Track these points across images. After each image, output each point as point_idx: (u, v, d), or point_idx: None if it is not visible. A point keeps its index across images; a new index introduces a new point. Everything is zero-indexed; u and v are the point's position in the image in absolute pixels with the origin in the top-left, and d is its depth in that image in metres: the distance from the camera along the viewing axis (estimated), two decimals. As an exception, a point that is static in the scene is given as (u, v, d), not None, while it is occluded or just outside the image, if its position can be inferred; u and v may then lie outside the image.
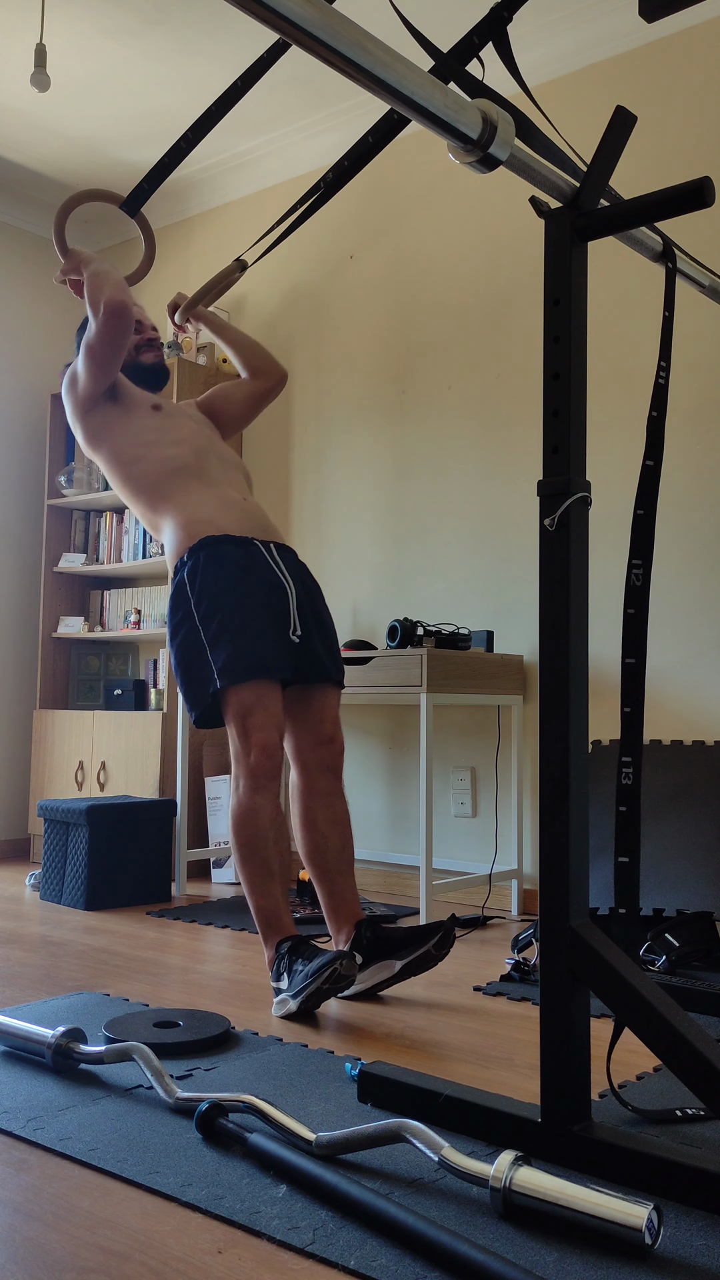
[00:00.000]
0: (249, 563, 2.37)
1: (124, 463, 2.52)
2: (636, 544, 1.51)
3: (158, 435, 2.53)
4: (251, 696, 2.26)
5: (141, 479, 2.50)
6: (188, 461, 2.51)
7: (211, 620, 2.30)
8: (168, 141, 4.15)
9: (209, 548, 2.37)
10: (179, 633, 2.36)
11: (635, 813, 1.48)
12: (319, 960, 2.08)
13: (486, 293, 3.60)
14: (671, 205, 1.43)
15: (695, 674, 3.07)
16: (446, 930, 2.23)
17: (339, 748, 2.43)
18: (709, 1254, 1.20)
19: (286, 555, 2.48)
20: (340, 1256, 1.18)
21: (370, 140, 1.91)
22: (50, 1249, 1.20)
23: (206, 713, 2.34)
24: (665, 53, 3.24)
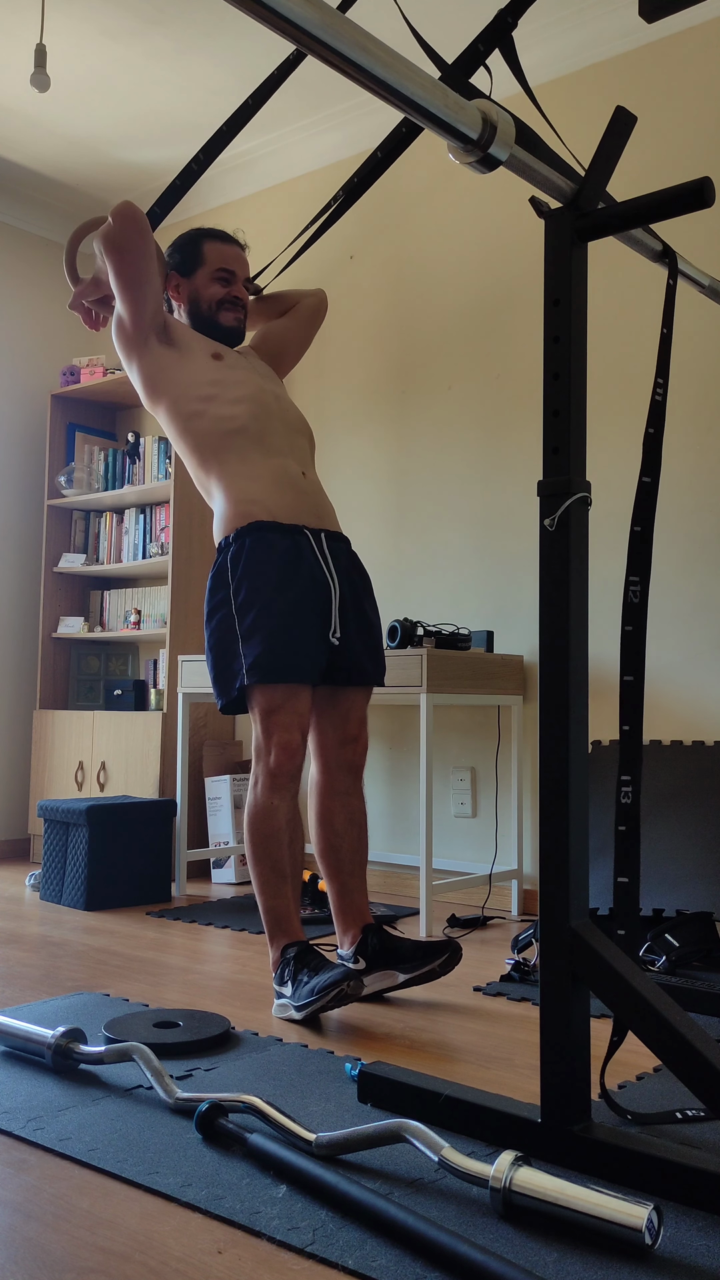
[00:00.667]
0: (295, 555, 2.27)
1: (183, 417, 2.36)
2: (634, 560, 1.50)
3: (219, 389, 2.37)
4: (279, 696, 2.22)
5: (199, 436, 2.35)
6: (248, 423, 2.35)
7: (248, 611, 2.22)
8: (168, 142, 4.15)
9: (256, 534, 2.26)
10: (214, 616, 2.28)
11: (635, 832, 1.47)
12: (326, 977, 2.05)
13: (486, 293, 3.60)
14: (671, 205, 1.43)
15: (695, 674, 3.07)
16: (454, 951, 2.23)
17: (363, 747, 2.39)
18: (709, 1254, 1.20)
19: (337, 547, 2.38)
20: (340, 1257, 1.18)
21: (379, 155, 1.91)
22: (50, 1249, 1.20)
23: (232, 704, 2.29)
24: (665, 53, 3.24)
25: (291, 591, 2.24)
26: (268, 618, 2.21)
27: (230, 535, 2.29)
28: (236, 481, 2.32)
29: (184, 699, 3.60)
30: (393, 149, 1.90)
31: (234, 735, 4.19)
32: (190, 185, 2.04)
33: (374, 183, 1.90)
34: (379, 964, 2.27)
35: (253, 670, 2.20)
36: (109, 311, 2.51)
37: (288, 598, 2.23)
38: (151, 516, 4.29)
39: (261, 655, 2.20)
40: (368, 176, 1.97)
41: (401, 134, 1.88)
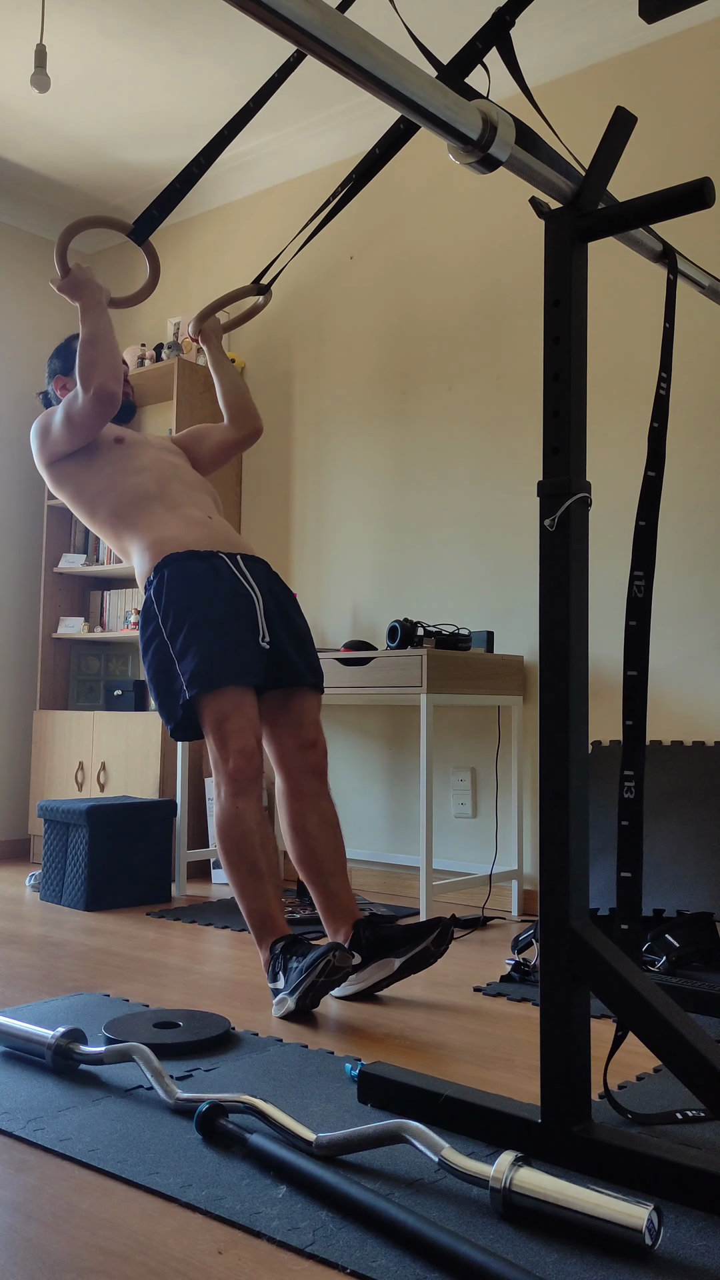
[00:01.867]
0: (214, 574, 2.40)
1: (88, 498, 2.57)
2: (638, 555, 1.50)
3: (121, 465, 2.58)
4: (226, 703, 2.29)
5: (106, 510, 2.55)
6: (150, 488, 2.55)
7: (179, 632, 2.33)
8: (168, 142, 4.15)
9: (173, 563, 2.40)
10: (149, 648, 2.39)
11: (638, 827, 1.47)
12: (313, 954, 2.09)
13: (486, 293, 3.60)
14: (672, 206, 1.43)
15: (695, 675, 3.07)
16: (444, 927, 2.24)
17: (322, 750, 2.45)
18: (709, 1254, 1.20)
19: (254, 566, 2.50)
20: (340, 1257, 1.18)
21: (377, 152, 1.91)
22: (50, 1250, 1.20)
23: (181, 725, 2.37)
24: (665, 53, 3.24)
25: (216, 604, 2.35)
26: (198, 632, 2.31)
27: (151, 574, 2.44)
28: (148, 532, 2.49)
29: (184, 699, 3.60)
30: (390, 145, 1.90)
31: (234, 735, 4.18)
32: (189, 187, 2.04)
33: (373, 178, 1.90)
34: (374, 955, 2.27)
35: (193, 681, 2.28)
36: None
37: (214, 611, 2.34)
38: (151, 517, 4.29)
39: (199, 665, 2.29)
40: (366, 173, 1.97)
41: (400, 130, 1.88)
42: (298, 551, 4.05)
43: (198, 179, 2.03)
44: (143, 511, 2.52)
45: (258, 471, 4.21)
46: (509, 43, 1.51)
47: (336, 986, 2.13)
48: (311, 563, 4.00)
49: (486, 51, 1.52)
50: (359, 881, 3.74)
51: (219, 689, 2.28)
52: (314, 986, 2.07)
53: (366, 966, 2.28)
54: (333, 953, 2.06)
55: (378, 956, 2.27)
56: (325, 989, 2.09)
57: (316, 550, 3.99)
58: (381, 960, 2.27)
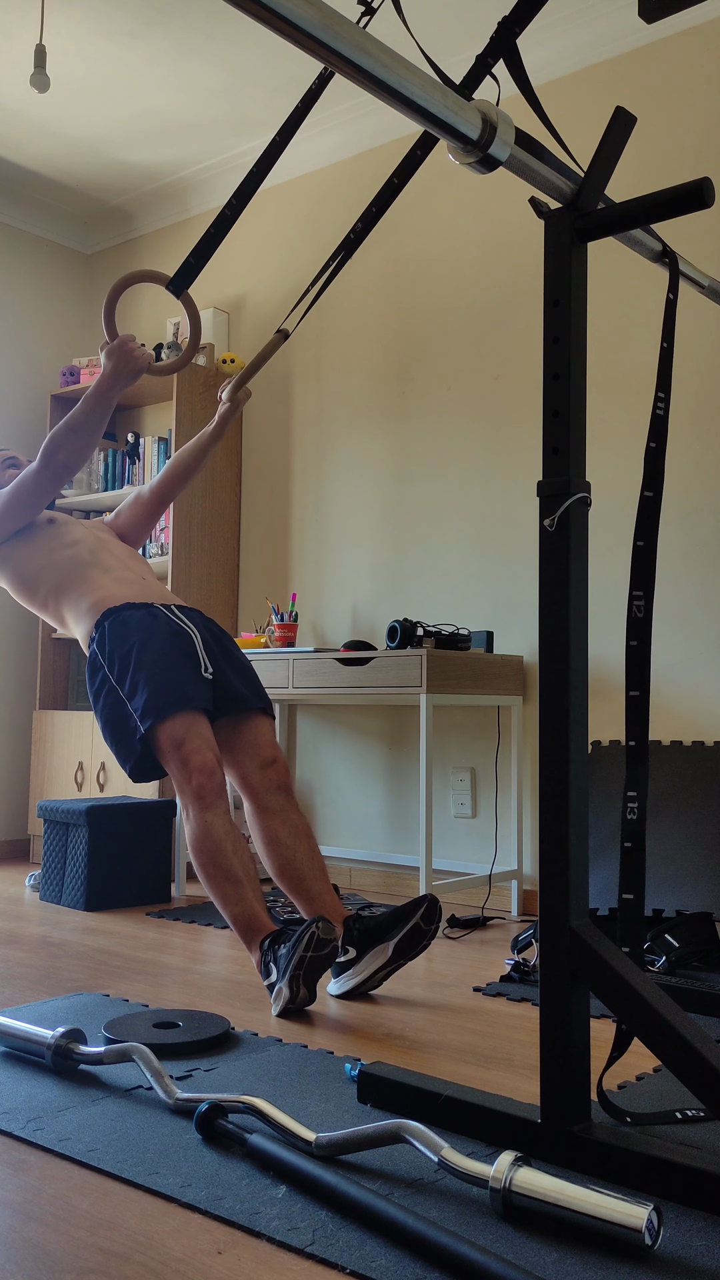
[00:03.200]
0: (151, 619, 2.52)
1: (27, 578, 2.69)
2: (637, 575, 1.49)
3: (54, 542, 2.71)
4: (179, 727, 2.35)
5: (46, 587, 2.66)
6: (83, 557, 2.68)
7: (125, 674, 2.43)
8: (168, 142, 4.15)
9: (112, 615, 2.52)
10: (99, 697, 2.48)
11: (641, 849, 1.46)
12: (296, 933, 2.12)
13: (486, 293, 3.60)
14: (671, 206, 1.43)
15: (695, 674, 3.07)
16: (431, 902, 2.24)
17: (283, 767, 2.50)
18: (709, 1254, 1.20)
19: (189, 611, 2.63)
20: (340, 1257, 1.18)
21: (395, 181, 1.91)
22: (50, 1250, 1.20)
23: (140, 763, 2.43)
24: (665, 53, 3.24)
25: (155, 642, 2.46)
26: (143, 668, 2.41)
27: (93, 630, 2.55)
28: (85, 596, 2.61)
29: (184, 699, 3.60)
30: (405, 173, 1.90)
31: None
32: (225, 233, 2.01)
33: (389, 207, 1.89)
34: (367, 946, 2.28)
35: (146, 714, 2.36)
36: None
37: (154, 648, 2.44)
38: (151, 517, 4.29)
39: (149, 699, 2.37)
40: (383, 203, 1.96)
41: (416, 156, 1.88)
42: (298, 551, 4.05)
43: (233, 223, 2.01)
44: (79, 579, 2.64)
45: (258, 471, 4.21)
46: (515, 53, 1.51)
47: (327, 963, 2.12)
48: (311, 563, 4.00)
49: (494, 64, 1.52)
50: (359, 881, 3.75)
51: (170, 716, 2.36)
52: (304, 961, 2.07)
53: (361, 959, 2.28)
54: (316, 924, 2.08)
55: (370, 946, 2.27)
56: (315, 965, 2.09)
57: (316, 550, 3.99)
58: (375, 949, 2.27)
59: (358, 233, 2.03)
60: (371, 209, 2.00)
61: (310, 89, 1.91)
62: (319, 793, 3.90)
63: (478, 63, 1.54)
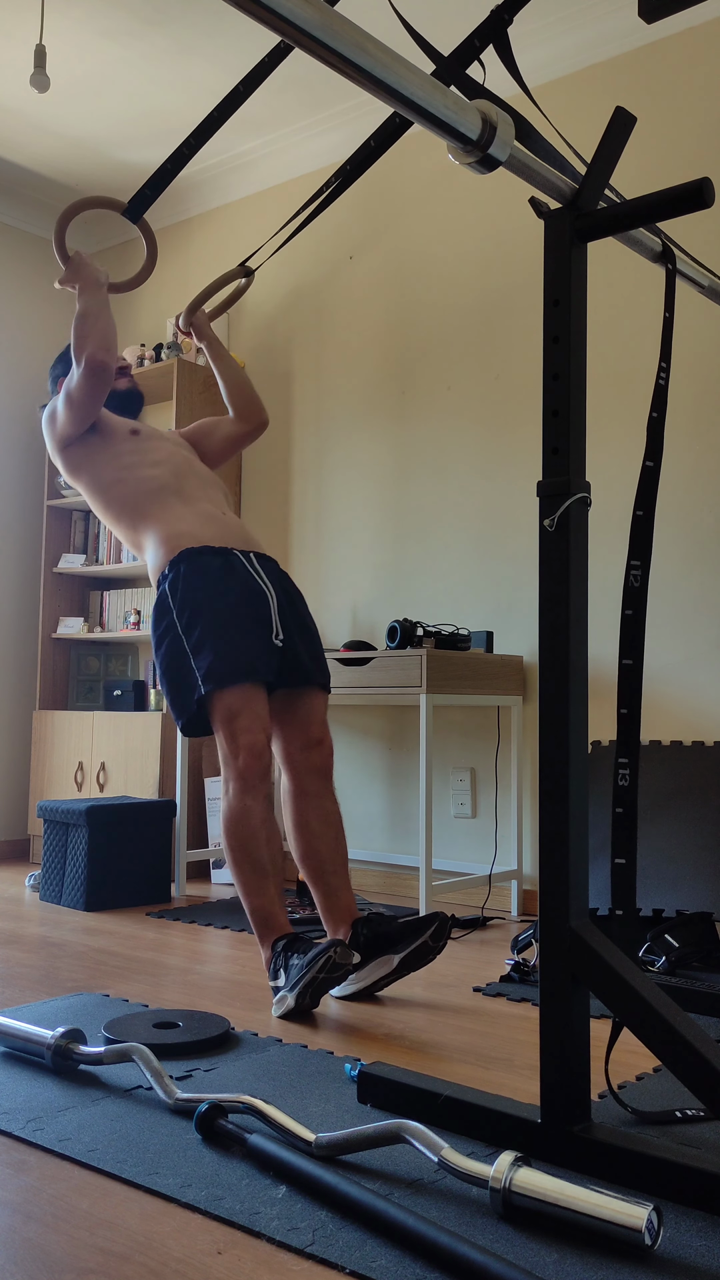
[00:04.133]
0: (229, 571, 2.41)
1: (103, 488, 2.58)
2: (635, 545, 1.51)
3: (137, 458, 2.60)
4: (237, 700, 2.29)
5: (121, 501, 2.56)
6: (166, 481, 2.56)
7: (194, 628, 2.34)
8: (167, 142, 4.15)
9: (189, 559, 2.41)
10: (163, 643, 2.40)
11: (632, 814, 1.48)
12: (313, 951, 2.10)
13: (486, 293, 3.60)
14: (671, 206, 1.43)
15: (695, 674, 3.07)
16: (442, 921, 2.24)
17: (328, 750, 2.46)
18: (709, 1254, 1.20)
19: (267, 564, 2.52)
20: (340, 1257, 1.18)
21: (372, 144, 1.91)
22: (50, 1250, 1.20)
23: (193, 720, 2.37)
24: (665, 53, 3.24)
25: (231, 600, 2.37)
26: (213, 628, 2.33)
27: (166, 568, 2.44)
28: (164, 526, 2.50)
29: (184, 699, 3.60)
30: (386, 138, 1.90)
31: (234, 735, 4.19)
32: (180, 167, 2.05)
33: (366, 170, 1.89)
34: (373, 953, 2.27)
35: (208, 678, 2.30)
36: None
37: (228, 607, 2.35)
38: (151, 517, 4.29)
39: (214, 663, 2.30)
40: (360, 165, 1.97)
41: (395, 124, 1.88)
42: (297, 551, 4.05)
43: (189, 158, 2.04)
44: (158, 504, 2.53)
45: (257, 471, 4.21)
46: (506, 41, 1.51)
47: (337, 984, 2.13)
48: (311, 562, 4.00)
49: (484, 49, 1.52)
50: (359, 881, 3.74)
51: (232, 686, 2.29)
52: (314, 983, 2.07)
53: (366, 965, 2.28)
54: (334, 949, 2.06)
55: (376, 954, 2.27)
56: (325, 986, 2.09)
57: (316, 550, 3.99)
58: (381, 958, 2.27)
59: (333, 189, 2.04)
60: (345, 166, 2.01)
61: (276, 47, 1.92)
62: (319, 793, 3.89)
63: (466, 43, 1.54)
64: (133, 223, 2.28)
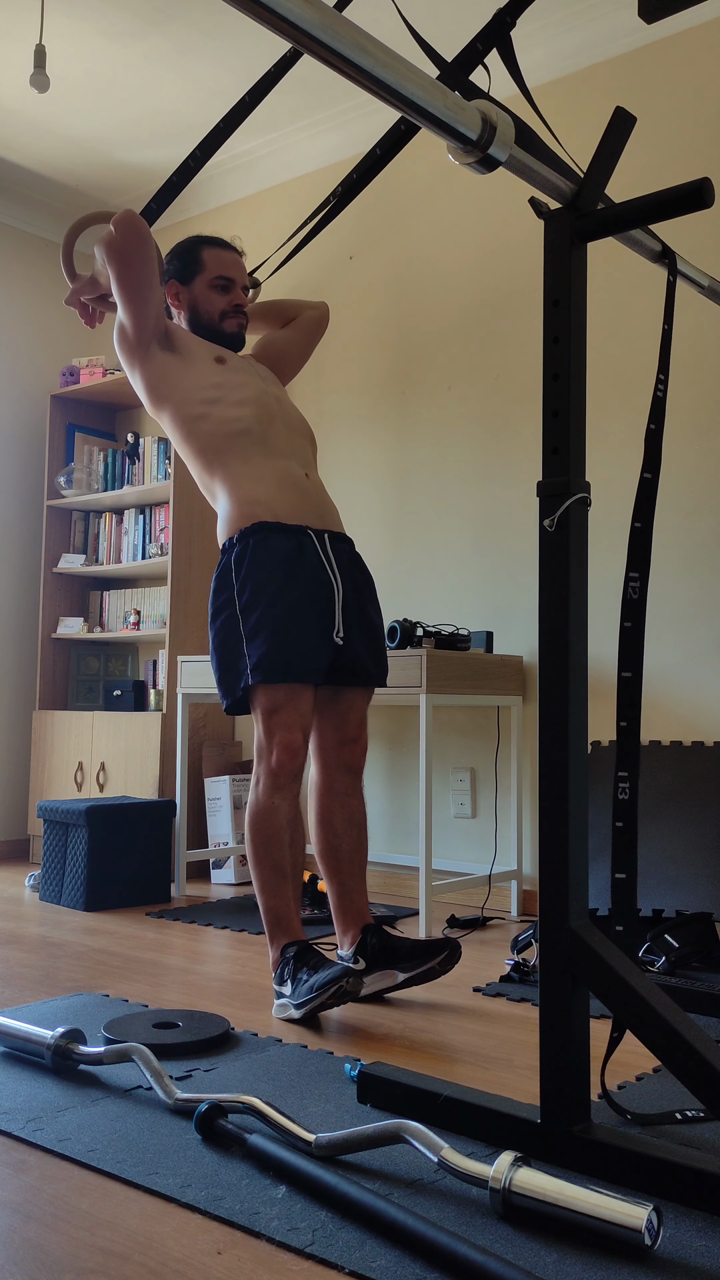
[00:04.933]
0: (299, 556, 2.29)
1: (187, 420, 2.38)
2: (634, 556, 1.50)
3: (223, 392, 2.38)
4: (281, 696, 2.23)
5: (203, 439, 2.37)
6: (251, 425, 2.37)
7: (252, 612, 2.24)
8: (168, 143, 4.15)
9: (259, 534, 2.28)
10: (219, 618, 2.29)
11: (632, 828, 1.47)
12: (325, 975, 2.06)
13: (486, 293, 3.60)
14: (671, 206, 1.43)
15: (694, 675, 3.07)
16: (453, 949, 2.23)
17: (362, 748, 2.41)
18: (709, 1254, 1.20)
19: (340, 547, 2.39)
20: (339, 1257, 1.18)
21: (378, 152, 1.91)
22: (49, 1250, 1.20)
23: (237, 704, 2.29)
24: (665, 53, 3.24)
25: (295, 591, 2.25)
26: (272, 618, 2.23)
27: (234, 536, 2.31)
28: (241, 483, 2.34)
29: (183, 699, 3.60)
30: (391, 146, 1.90)
31: (233, 736, 4.19)
32: (187, 182, 2.04)
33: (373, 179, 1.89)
34: (379, 964, 2.27)
35: (257, 669, 2.21)
36: (106, 309, 2.53)
37: (291, 597, 2.25)
38: (151, 517, 4.29)
39: (266, 655, 2.21)
40: (366, 173, 1.97)
41: (400, 131, 1.88)
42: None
43: (195, 173, 2.03)
44: (238, 452, 2.36)
45: (257, 471, 4.21)
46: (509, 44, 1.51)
47: (341, 1004, 2.12)
48: (311, 563, 4.00)
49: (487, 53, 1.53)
50: (358, 882, 3.74)
51: (280, 682, 2.22)
52: (322, 1005, 2.06)
53: (370, 974, 2.27)
54: (346, 979, 2.03)
55: (382, 966, 2.27)
56: (331, 1007, 2.08)
57: (316, 550, 3.99)
58: (385, 970, 2.26)
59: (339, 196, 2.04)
60: (352, 175, 2.01)
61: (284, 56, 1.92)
62: (319, 793, 3.89)
63: (469, 47, 1.54)
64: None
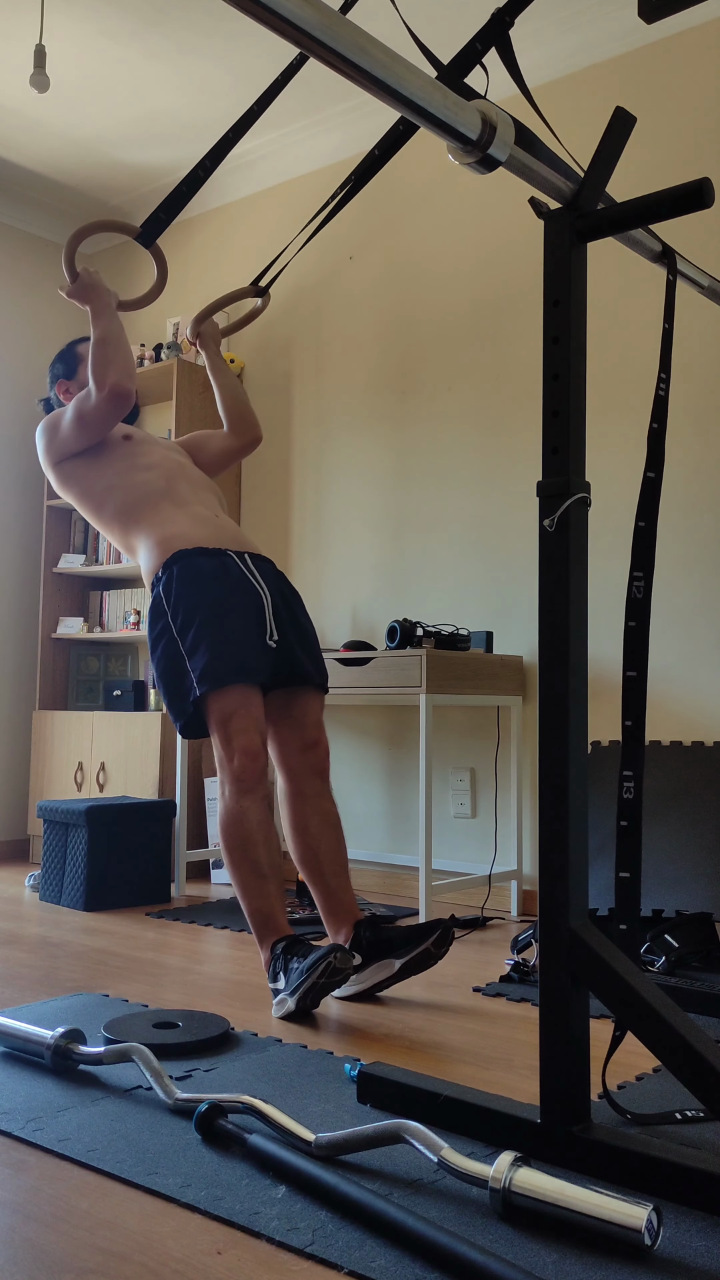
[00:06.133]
0: (223, 572, 2.41)
1: (96, 494, 2.58)
2: (638, 556, 1.50)
3: (129, 462, 2.60)
4: (232, 701, 2.29)
5: (114, 508, 2.56)
6: (159, 485, 2.56)
7: (188, 629, 2.34)
8: (167, 143, 4.15)
9: (183, 560, 2.41)
10: (158, 645, 2.40)
11: (637, 827, 1.47)
12: (314, 955, 2.09)
13: (486, 293, 3.60)
14: (671, 206, 1.43)
15: (695, 675, 3.07)
16: (445, 928, 2.24)
17: (324, 751, 2.46)
18: (709, 1254, 1.20)
19: (262, 564, 2.52)
20: (339, 1257, 1.18)
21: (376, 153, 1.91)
22: (49, 1250, 1.20)
23: (190, 723, 2.37)
24: (665, 53, 3.24)
25: (225, 602, 2.36)
26: (208, 629, 2.32)
27: (159, 570, 2.44)
28: (156, 529, 2.50)
29: (183, 699, 3.60)
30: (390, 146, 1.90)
31: (234, 736, 4.18)
32: (195, 190, 2.03)
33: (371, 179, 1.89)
34: (374, 956, 2.27)
35: (203, 679, 2.29)
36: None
37: (223, 608, 2.35)
38: (151, 517, 4.29)
39: (209, 663, 2.30)
40: (365, 174, 1.97)
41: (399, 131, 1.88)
42: (297, 551, 4.05)
43: (203, 181, 2.03)
44: (150, 508, 2.53)
45: (257, 471, 4.21)
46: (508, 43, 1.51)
47: (337, 988, 2.13)
48: (311, 563, 4.00)
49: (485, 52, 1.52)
50: (359, 881, 3.74)
51: (226, 687, 2.29)
52: (314, 988, 2.07)
53: (367, 967, 2.28)
54: (334, 954, 2.06)
55: (378, 957, 2.27)
56: (326, 990, 2.09)
57: (316, 550, 3.99)
58: (381, 961, 2.27)
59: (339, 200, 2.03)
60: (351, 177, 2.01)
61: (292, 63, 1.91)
62: (319, 793, 3.89)
63: (468, 47, 1.54)
64: (146, 248, 2.28)
